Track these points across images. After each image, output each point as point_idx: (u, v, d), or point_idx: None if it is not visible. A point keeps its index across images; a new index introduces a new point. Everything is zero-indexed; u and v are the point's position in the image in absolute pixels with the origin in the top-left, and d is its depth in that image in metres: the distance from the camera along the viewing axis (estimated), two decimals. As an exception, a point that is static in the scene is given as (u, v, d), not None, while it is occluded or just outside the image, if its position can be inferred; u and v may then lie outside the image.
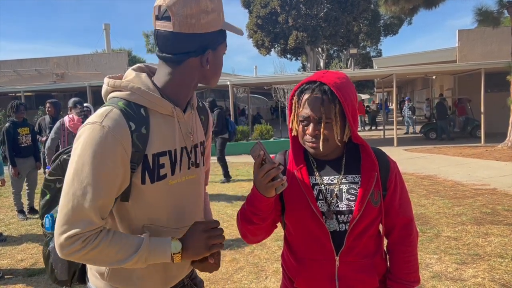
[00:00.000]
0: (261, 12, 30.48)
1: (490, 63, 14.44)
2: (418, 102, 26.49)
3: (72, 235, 1.12)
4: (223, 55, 1.32)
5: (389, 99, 47.14)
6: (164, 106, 1.25)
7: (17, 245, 5.25)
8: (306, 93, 1.39)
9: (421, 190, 7.37)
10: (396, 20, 35.59)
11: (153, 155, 1.23)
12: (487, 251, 4.30)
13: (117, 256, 1.17)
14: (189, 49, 1.22)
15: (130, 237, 1.21)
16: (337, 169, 1.46)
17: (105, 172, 1.13)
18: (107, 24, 29.06)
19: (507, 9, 12.74)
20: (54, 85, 19.35)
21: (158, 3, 1.21)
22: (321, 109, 1.35)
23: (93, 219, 1.13)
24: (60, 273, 1.44)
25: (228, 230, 5.40)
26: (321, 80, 1.37)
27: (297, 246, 1.49)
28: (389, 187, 1.47)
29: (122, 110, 1.18)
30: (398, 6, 13.98)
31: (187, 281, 1.48)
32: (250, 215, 1.38)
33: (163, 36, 1.21)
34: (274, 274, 3.94)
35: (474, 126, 15.83)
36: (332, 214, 1.41)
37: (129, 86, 1.23)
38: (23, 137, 6.45)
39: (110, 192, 1.16)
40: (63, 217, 1.13)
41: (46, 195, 1.48)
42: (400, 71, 16.36)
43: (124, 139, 1.16)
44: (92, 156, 1.12)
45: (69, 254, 1.14)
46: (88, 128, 1.15)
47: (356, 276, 1.43)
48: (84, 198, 1.12)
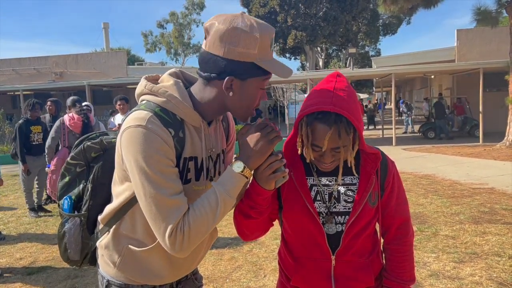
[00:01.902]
0: (260, 11, 30.47)
1: (489, 62, 14.47)
2: (417, 102, 26.51)
3: (170, 233, 1.18)
4: (259, 90, 1.29)
5: (388, 98, 47.18)
6: (194, 118, 1.30)
7: (15, 244, 5.25)
8: (320, 124, 1.29)
9: (420, 189, 7.39)
10: (395, 20, 35.63)
11: (184, 158, 1.30)
12: (484, 250, 4.32)
13: (210, 218, 1.23)
14: (213, 71, 1.25)
15: (205, 198, 1.25)
16: (335, 171, 1.45)
17: (164, 165, 1.20)
18: (106, 23, 29.04)
19: (505, 8, 12.76)
20: (53, 84, 19.32)
21: (208, 22, 1.26)
22: (338, 142, 1.30)
23: (179, 205, 1.20)
24: (73, 253, 1.50)
25: (227, 228, 5.41)
26: (336, 111, 1.27)
27: (294, 244, 1.50)
28: (387, 187, 1.47)
29: (161, 117, 1.24)
30: (397, 5, 14.00)
31: (190, 275, 1.55)
32: (247, 209, 1.38)
33: (200, 52, 1.28)
34: (273, 273, 3.95)
35: (472, 126, 15.86)
36: (331, 218, 1.42)
37: (167, 94, 1.27)
38: (35, 135, 6.50)
39: (177, 178, 1.24)
40: (154, 221, 1.20)
41: (65, 177, 1.51)
42: (398, 71, 16.38)
43: (169, 142, 1.22)
44: (148, 156, 1.18)
45: (180, 248, 1.20)
46: (132, 131, 1.20)
47: (352, 274, 1.44)
48: (160, 194, 1.18)
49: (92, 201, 1.45)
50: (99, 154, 1.45)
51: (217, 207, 1.23)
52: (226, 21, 1.21)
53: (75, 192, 1.49)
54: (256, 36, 1.21)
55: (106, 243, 1.40)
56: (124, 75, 20.81)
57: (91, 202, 1.45)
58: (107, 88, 19.84)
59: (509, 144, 12.39)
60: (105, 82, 18.46)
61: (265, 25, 1.25)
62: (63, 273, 4.19)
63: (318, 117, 1.30)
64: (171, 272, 1.42)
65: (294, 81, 19.85)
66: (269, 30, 1.25)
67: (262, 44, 1.22)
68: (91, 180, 1.44)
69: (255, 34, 1.21)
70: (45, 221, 6.33)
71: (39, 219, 6.46)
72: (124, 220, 1.36)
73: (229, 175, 1.26)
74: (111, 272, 1.40)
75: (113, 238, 1.38)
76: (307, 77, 17.29)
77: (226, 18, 1.22)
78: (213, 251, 4.64)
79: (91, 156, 1.46)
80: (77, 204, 1.48)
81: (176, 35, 47.63)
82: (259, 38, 1.21)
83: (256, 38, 1.21)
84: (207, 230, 1.24)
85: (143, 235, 1.35)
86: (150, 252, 1.35)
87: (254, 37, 1.20)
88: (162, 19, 48.92)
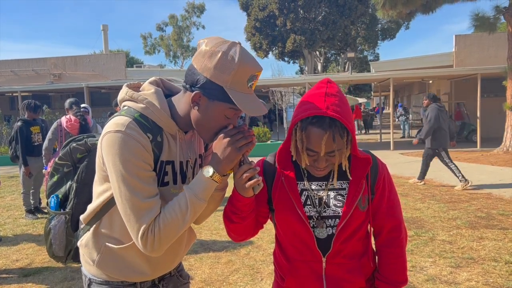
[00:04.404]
0: (259, 15, 30.56)
1: (487, 68, 14.55)
2: (415, 106, 26.58)
3: (142, 234, 1.26)
4: (224, 117, 1.30)
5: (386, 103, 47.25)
6: (170, 126, 1.36)
7: (12, 246, 5.23)
8: (315, 128, 1.30)
9: (417, 194, 7.40)
10: (393, 25, 35.77)
11: (161, 162, 1.35)
12: (481, 255, 4.33)
13: (179, 220, 1.29)
14: (188, 82, 1.30)
15: (176, 201, 1.30)
16: (326, 176, 1.47)
17: (140, 169, 1.26)
18: (105, 25, 29.02)
19: (503, 14, 12.82)
20: (51, 85, 19.30)
21: (203, 39, 1.30)
22: (333, 146, 1.31)
23: (152, 207, 1.27)
24: (57, 249, 1.56)
25: (225, 232, 5.39)
26: (330, 115, 1.28)
27: (287, 246, 1.53)
28: (377, 190, 1.48)
29: (140, 122, 1.29)
30: (395, 10, 14.04)
31: (174, 272, 1.60)
32: (230, 214, 1.45)
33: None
34: (270, 276, 3.95)
35: (470, 131, 15.90)
36: (322, 223, 1.43)
37: (146, 101, 1.33)
38: (35, 135, 6.51)
39: (153, 182, 1.31)
40: (129, 222, 1.27)
41: (54, 177, 1.58)
42: (397, 75, 16.43)
43: (146, 146, 1.28)
44: (126, 160, 1.24)
45: (152, 249, 1.27)
46: (112, 136, 1.26)
47: (343, 276, 1.46)
48: (135, 197, 1.25)
49: (76, 200, 1.51)
50: (84, 155, 1.52)
51: (187, 210, 1.29)
52: (217, 43, 1.25)
53: (62, 191, 1.56)
54: (235, 65, 1.23)
55: (86, 241, 1.45)
56: (123, 77, 20.80)
57: (76, 201, 1.51)
58: (105, 90, 19.83)
59: (507, 149, 12.43)
60: (104, 84, 18.44)
61: (252, 59, 1.27)
62: (60, 275, 4.17)
63: (312, 121, 1.31)
64: (150, 270, 1.46)
65: (293, 85, 19.88)
66: (254, 65, 1.26)
67: (238, 74, 1.24)
68: (76, 180, 1.51)
69: (235, 63, 1.23)
70: (42, 222, 6.31)
71: (36, 220, 6.44)
72: (103, 219, 1.42)
73: (199, 179, 1.32)
74: (92, 270, 1.46)
75: (92, 237, 1.43)
76: (305, 81, 17.32)
77: (219, 41, 1.26)
78: (210, 254, 4.64)
79: (77, 157, 1.52)
80: (64, 202, 1.55)
81: (175, 37, 47.68)
82: (237, 68, 1.23)
83: (234, 66, 1.23)
84: (177, 232, 1.30)
85: (120, 233, 1.40)
86: (127, 250, 1.40)
87: (232, 64, 1.23)
88: (161, 21, 49.00)
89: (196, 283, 3.86)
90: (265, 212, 1.54)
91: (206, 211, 1.49)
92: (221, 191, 1.46)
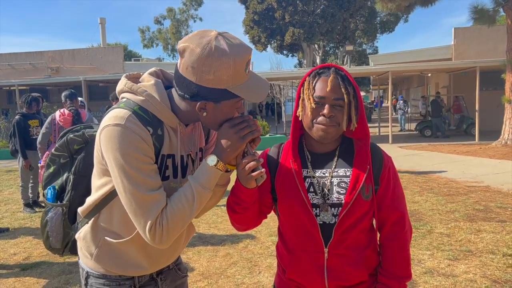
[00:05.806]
0: (258, 8, 30.39)
1: (486, 61, 14.52)
2: (414, 100, 26.57)
3: (149, 227, 1.23)
4: (234, 108, 1.31)
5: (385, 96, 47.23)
6: (171, 119, 1.32)
7: (10, 239, 5.23)
8: (323, 75, 1.40)
9: (415, 187, 7.41)
10: (392, 18, 35.59)
11: (162, 156, 1.33)
12: (479, 248, 4.34)
13: (186, 211, 1.27)
14: (187, 93, 1.27)
15: (181, 192, 1.29)
16: (330, 163, 1.47)
17: (142, 162, 1.23)
18: (103, 18, 28.86)
19: (502, 7, 12.77)
20: (49, 79, 19.22)
21: (182, 43, 1.23)
22: (340, 89, 1.38)
23: (157, 200, 1.25)
24: (55, 241, 1.54)
25: (223, 225, 5.41)
26: (336, 66, 1.42)
27: (289, 236, 1.52)
28: (382, 181, 1.47)
29: (140, 115, 1.26)
30: (394, 3, 13.99)
31: (172, 266, 1.59)
32: (233, 205, 1.45)
33: (175, 71, 1.29)
34: (268, 269, 3.95)
35: (469, 124, 15.91)
36: (327, 206, 1.42)
37: (145, 93, 1.29)
38: (34, 129, 6.51)
39: (155, 175, 1.28)
40: (135, 216, 1.25)
41: (50, 168, 1.56)
42: (395, 69, 16.39)
43: (147, 140, 1.25)
44: (127, 154, 1.21)
45: (160, 241, 1.25)
46: (111, 129, 1.23)
47: (345, 268, 1.44)
48: (139, 191, 1.22)
49: (73, 192, 1.49)
50: (81, 147, 1.50)
51: (193, 200, 1.27)
52: (200, 45, 1.19)
53: (59, 183, 1.54)
54: (229, 62, 1.19)
55: (84, 235, 1.43)
56: (120, 70, 20.71)
57: (73, 193, 1.49)
58: (103, 84, 19.75)
59: (505, 142, 12.44)
60: (102, 77, 18.37)
61: (240, 47, 1.22)
62: (58, 268, 4.17)
63: (319, 72, 1.43)
64: (148, 264, 1.45)
65: (292, 78, 19.83)
66: (245, 52, 1.23)
67: (235, 68, 1.21)
68: (73, 172, 1.49)
69: (229, 60, 1.19)
70: (39, 216, 6.26)
71: (34, 214, 6.44)
72: (102, 213, 1.40)
73: (203, 168, 1.30)
74: (90, 264, 1.45)
75: (91, 230, 1.42)
76: (304, 74, 17.24)
77: (200, 42, 1.20)
78: (208, 247, 4.64)
79: (74, 148, 1.50)
80: (60, 194, 1.53)
81: (173, 31, 47.41)
82: (233, 63, 1.20)
83: (229, 64, 1.20)
84: (185, 223, 1.29)
85: (119, 227, 1.38)
86: (126, 244, 1.39)
87: (227, 63, 1.19)
88: (159, 15, 48.68)
89: (194, 276, 3.86)
90: (269, 202, 1.54)
91: (206, 205, 1.47)
92: (223, 186, 1.45)
